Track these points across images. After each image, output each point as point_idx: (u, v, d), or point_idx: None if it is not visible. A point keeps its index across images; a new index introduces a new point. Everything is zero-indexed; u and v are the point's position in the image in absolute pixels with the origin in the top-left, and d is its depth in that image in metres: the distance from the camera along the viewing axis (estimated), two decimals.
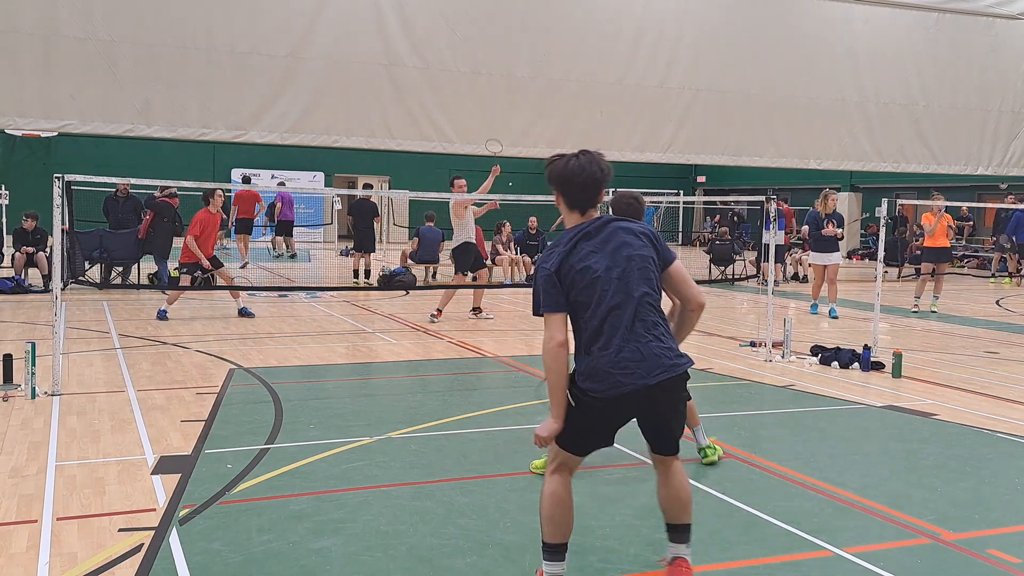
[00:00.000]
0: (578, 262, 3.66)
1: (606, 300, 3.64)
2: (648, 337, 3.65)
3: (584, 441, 3.80)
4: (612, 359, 3.61)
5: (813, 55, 16.17)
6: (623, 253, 3.70)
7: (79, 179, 9.64)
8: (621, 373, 3.60)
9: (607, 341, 3.62)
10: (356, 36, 13.35)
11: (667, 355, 3.67)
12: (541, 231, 19.19)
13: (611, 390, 3.61)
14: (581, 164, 3.72)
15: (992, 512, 5.17)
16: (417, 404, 7.74)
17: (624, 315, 3.64)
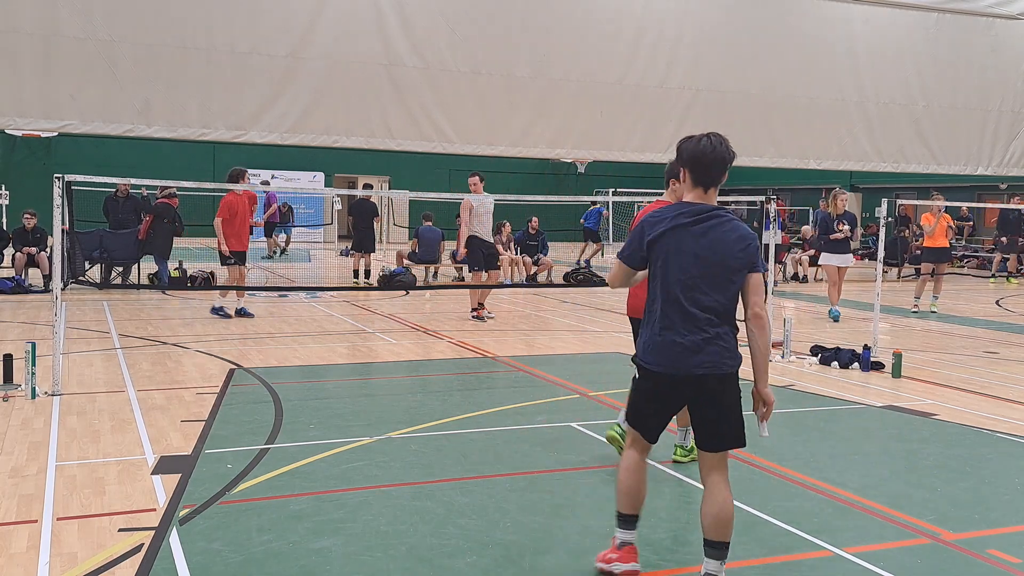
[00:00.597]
0: (673, 240, 3.86)
1: (680, 283, 3.84)
2: (706, 332, 3.82)
3: (640, 414, 4.05)
4: (670, 340, 3.84)
5: (813, 55, 16.17)
6: (716, 248, 3.85)
7: (79, 179, 9.64)
8: (674, 356, 3.84)
9: (670, 322, 3.85)
10: (356, 36, 13.35)
11: (716, 353, 3.83)
12: (541, 231, 19.18)
13: (663, 368, 3.86)
14: (712, 144, 3.90)
15: (992, 512, 5.17)
16: (417, 404, 7.74)
17: (692, 303, 3.83)
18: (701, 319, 3.81)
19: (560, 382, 8.51)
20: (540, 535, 4.63)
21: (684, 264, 3.82)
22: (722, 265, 3.83)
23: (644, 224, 3.93)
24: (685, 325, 3.82)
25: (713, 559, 3.85)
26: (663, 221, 3.88)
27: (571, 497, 5.25)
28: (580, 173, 36.03)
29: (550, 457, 6.03)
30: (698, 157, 3.89)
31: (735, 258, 3.84)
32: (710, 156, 3.87)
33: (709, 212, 3.87)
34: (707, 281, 3.82)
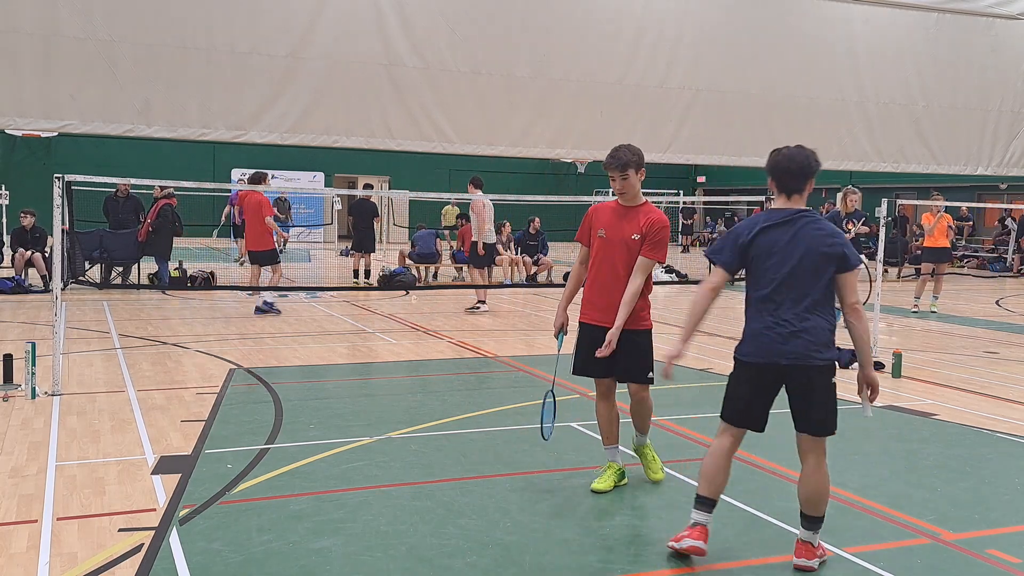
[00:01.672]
0: (765, 240, 4.23)
1: (773, 281, 4.21)
2: (794, 326, 4.16)
3: (734, 404, 4.35)
4: (760, 331, 4.22)
5: (813, 55, 16.16)
6: (804, 246, 4.18)
7: (79, 179, 9.64)
8: (764, 346, 4.20)
9: (762, 317, 4.22)
10: (356, 36, 13.34)
11: (803, 345, 4.15)
12: (542, 231, 19.18)
13: (753, 358, 4.24)
14: (793, 154, 4.30)
15: (992, 512, 5.17)
16: (417, 404, 7.74)
17: (783, 298, 4.19)
18: (790, 313, 4.17)
19: (560, 382, 8.50)
20: (540, 535, 4.63)
21: (776, 262, 4.20)
22: (811, 262, 4.16)
23: (737, 229, 4.35)
24: (776, 319, 4.18)
25: (807, 529, 4.27)
26: (755, 225, 4.28)
27: (571, 497, 5.25)
28: (580, 173, 36.03)
29: (550, 457, 6.03)
30: (779, 167, 4.29)
31: (823, 254, 4.17)
32: (788, 165, 4.27)
33: (795, 214, 4.24)
34: (797, 277, 4.17)
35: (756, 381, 4.27)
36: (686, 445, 6.47)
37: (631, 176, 5.22)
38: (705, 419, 7.23)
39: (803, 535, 4.29)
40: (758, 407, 4.30)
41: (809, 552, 4.24)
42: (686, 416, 7.26)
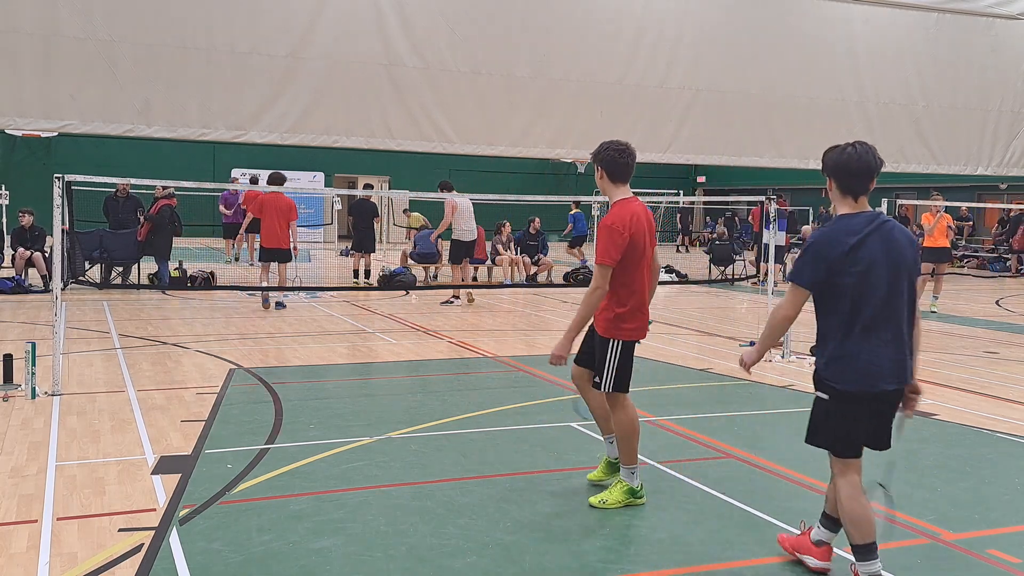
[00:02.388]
0: (861, 255, 3.82)
1: (872, 298, 3.83)
2: (900, 343, 3.88)
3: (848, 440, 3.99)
4: (862, 355, 3.84)
5: (813, 55, 16.17)
6: (895, 253, 3.86)
7: (79, 179, 9.65)
8: (870, 373, 3.85)
9: (863, 338, 3.84)
10: (356, 36, 13.35)
11: (909, 365, 3.93)
12: (542, 231, 19.18)
13: (857, 387, 3.87)
14: (857, 152, 3.92)
15: (992, 512, 5.17)
16: (417, 404, 7.74)
17: (885, 314, 3.85)
18: (900, 329, 3.87)
19: (560, 382, 8.50)
20: (540, 535, 4.63)
21: (875, 279, 3.82)
22: (901, 270, 3.87)
23: (819, 247, 3.89)
24: (879, 336, 3.83)
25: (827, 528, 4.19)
26: (838, 241, 3.84)
27: (571, 497, 5.25)
28: (580, 173, 36.03)
29: (550, 457, 6.03)
30: (843, 166, 3.92)
31: (908, 261, 3.90)
32: (855, 165, 3.90)
33: (877, 219, 3.89)
34: (896, 292, 3.86)
35: (866, 410, 3.93)
36: (686, 445, 6.47)
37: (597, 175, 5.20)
38: (705, 419, 7.24)
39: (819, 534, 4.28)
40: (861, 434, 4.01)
41: None
42: (686, 416, 7.26)
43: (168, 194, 16.13)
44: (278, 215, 13.22)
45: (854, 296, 3.82)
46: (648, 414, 7.11)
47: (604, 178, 5.14)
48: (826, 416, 3.99)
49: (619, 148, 5.10)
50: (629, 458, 5.08)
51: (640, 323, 5.07)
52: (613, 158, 5.08)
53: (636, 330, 5.06)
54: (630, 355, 5.08)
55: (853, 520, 3.92)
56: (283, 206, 13.30)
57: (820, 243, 3.90)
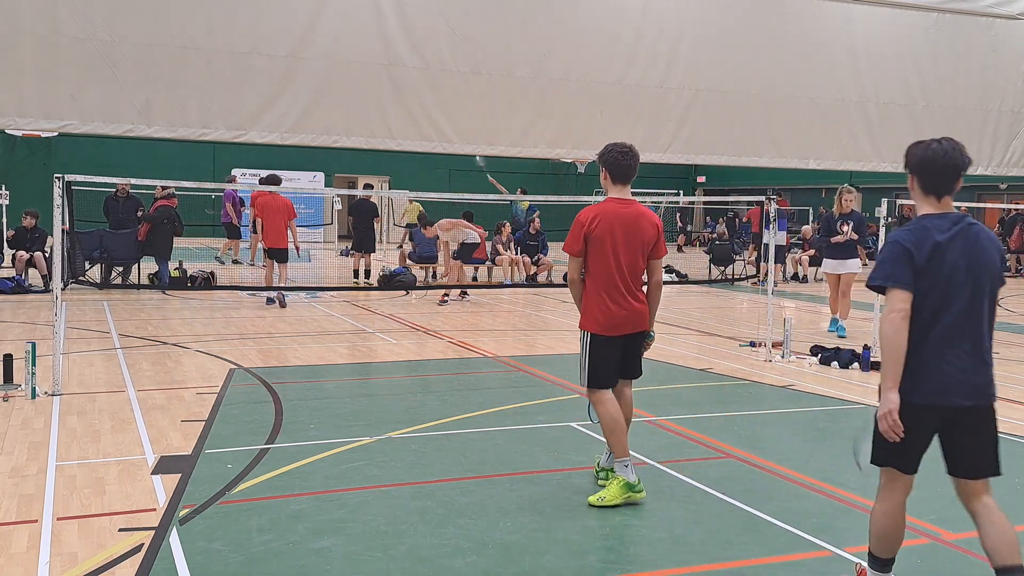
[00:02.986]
0: (949, 254, 3.58)
1: (952, 306, 3.60)
2: (982, 355, 3.67)
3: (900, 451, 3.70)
4: (939, 367, 3.58)
5: (813, 55, 16.16)
6: (981, 258, 3.65)
7: (79, 179, 9.64)
8: (944, 386, 3.59)
9: (944, 348, 3.59)
10: (356, 36, 13.35)
11: (991, 379, 3.71)
12: (542, 231, 19.19)
13: (928, 400, 3.59)
14: (944, 149, 3.68)
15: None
16: (417, 404, 7.74)
17: (969, 323, 3.64)
18: (980, 341, 3.67)
19: (560, 382, 8.51)
20: (540, 535, 4.63)
21: (958, 284, 3.59)
22: (984, 278, 3.66)
23: (905, 244, 3.61)
24: (964, 349, 3.61)
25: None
26: (926, 239, 3.59)
27: (571, 497, 5.25)
28: (580, 173, 36.03)
29: (550, 457, 6.03)
30: (927, 163, 3.70)
31: (994, 268, 3.69)
32: (941, 162, 3.67)
33: (963, 220, 3.65)
34: (980, 299, 3.65)
35: (930, 424, 3.66)
36: (686, 445, 6.46)
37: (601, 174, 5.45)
38: (705, 419, 7.24)
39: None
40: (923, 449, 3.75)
41: None
42: (686, 416, 7.26)
43: (168, 194, 16.12)
44: (276, 215, 13.73)
45: (933, 302, 3.57)
46: (648, 414, 7.11)
47: (606, 178, 5.37)
48: None
49: (622, 150, 5.30)
50: (618, 452, 5.14)
51: (607, 319, 5.19)
52: (616, 159, 5.30)
53: (603, 326, 5.19)
54: (601, 350, 5.19)
55: (884, 536, 3.80)
56: (281, 206, 13.80)
57: (904, 241, 3.62)
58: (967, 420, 3.66)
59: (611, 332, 5.20)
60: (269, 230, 13.79)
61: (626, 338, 5.27)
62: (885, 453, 3.73)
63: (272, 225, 13.76)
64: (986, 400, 3.69)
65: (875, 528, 3.81)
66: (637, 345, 5.35)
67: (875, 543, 3.83)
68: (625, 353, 5.30)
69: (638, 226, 5.25)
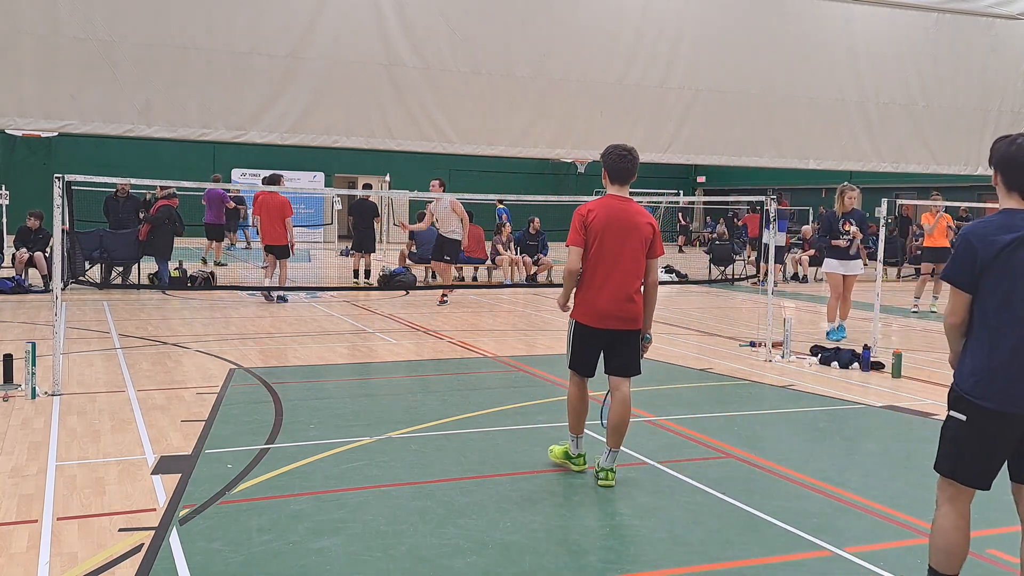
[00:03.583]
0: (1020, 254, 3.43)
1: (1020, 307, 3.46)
2: None
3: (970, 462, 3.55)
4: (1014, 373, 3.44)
5: (813, 55, 16.17)
6: None
7: (79, 179, 9.64)
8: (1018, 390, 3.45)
9: (1015, 352, 3.45)
10: (356, 36, 13.35)
11: None
12: (542, 231, 19.20)
13: (999, 405, 3.46)
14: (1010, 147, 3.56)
15: (992, 512, 5.16)
16: (417, 404, 7.74)
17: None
18: None
19: (560, 382, 8.51)
20: (540, 535, 4.63)
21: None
22: None
23: (973, 240, 3.50)
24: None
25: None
26: (997, 237, 3.44)
27: (571, 497, 5.25)
28: (580, 173, 36.03)
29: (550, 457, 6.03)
30: (1012, 159, 3.53)
31: None
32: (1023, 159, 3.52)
33: None
34: None
35: (999, 431, 3.48)
36: (686, 445, 6.46)
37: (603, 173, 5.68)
38: (705, 419, 7.24)
39: None
40: (998, 462, 3.55)
41: None
42: (686, 416, 7.26)
43: (169, 194, 16.12)
44: (271, 213, 14.17)
45: (1003, 302, 3.44)
46: (648, 414, 7.11)
47: (606, 177, 5.59)
48: (960, 437, 3.54)
49: (621, 152, 5.52)
50: (570, 426, 5.69)
51: (594, 311, 5.46)
52: (615, 161, 5.54)
53: (589, 317, 5.46)
54: (583, 339, 5.50)
55: (948, 549, 3.60)
56: (277, 204, 14.24)
57: (972, 236, 3.50)
58: None
59: (597, 324, 5.43)
60: (265, 228, 14.23)
61: (613, 333, 5.41)
62: (958, 467, 3.57)
63: (267, 223, 14.17)
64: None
65: (942, 542, 3.61)
66: (627, 343, 5.46)
67: (940, 558, 3.63)
68: (612, 349, 5.46)
69: (635, 223, 5.42)
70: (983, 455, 3.52)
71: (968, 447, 3.52)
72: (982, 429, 3.48)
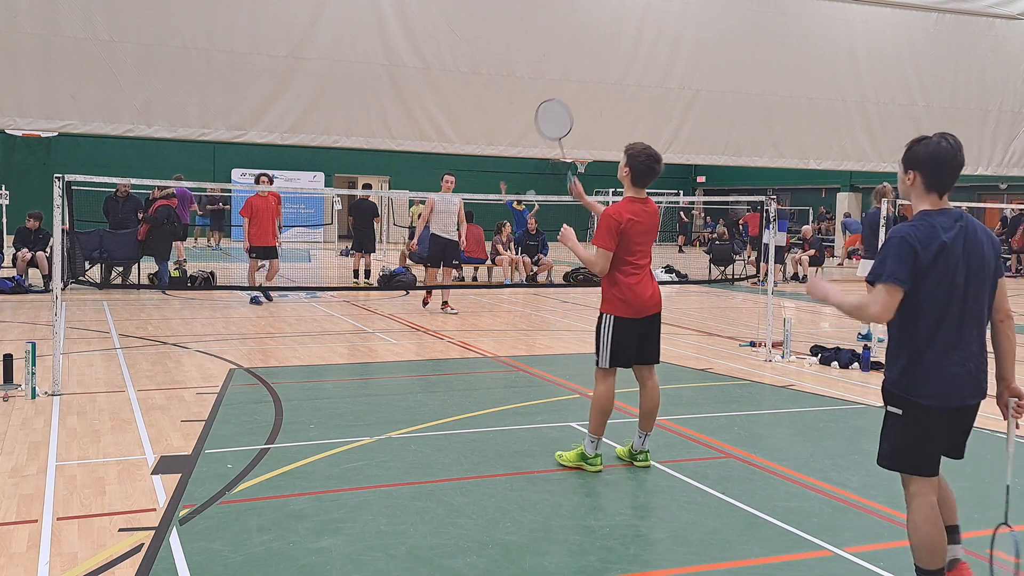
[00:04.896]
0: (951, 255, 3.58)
1: (956, 304, 3.61)
2: (979, 352, 3.69)
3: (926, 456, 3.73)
4: (945, 366, 3.61)
5: (813, 55, 16.17)
6: (978, 253, 3.66)
7: (79, 179, 9.65)
8: (952, 386, 3.63)
9: (947, 347, 3.61)
10: (356, 36, 13.35)
11: (986, 376, 3.74)
12: (542, 231, 19.19)
13: (943, 401, 3.64)
14: (952, 146, 3.67)
15: (992, 512, 5.16)
16: (417, 404, 7.74)
17: (968, 320, 3.64)
18: (975, 343, 3.67)
19: (560, 382, 8.51)
20: (540, 535, 4.63)
21: (961, 281, 3.60)
22: (984, 274, 3.66)
23: (909, 241, 3.58)
24: (963, 347, 3.63)
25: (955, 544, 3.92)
26: (932, 238, 3.57)
27: (571, 497, 5.25)
28: (580, 173, 36.03)
29: (550, 457, 6.03)
30: (937, 158, 3.66)
31: (992, 261, 3.70)
32: (948, 158, 3.66)
33: (962, 217, 3.67)
34: (978, 297, 3.66)
35: (945, 424, 3.71)
36: (686, 445, 6.46)
37: (620, 164, 5.70)
38: (705, 419, 7.23)
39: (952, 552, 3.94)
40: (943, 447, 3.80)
41: None
42: (686, 416, 7.26)
43: (167, 194, 16.12)
44: (266, 215, 14.27)
45: (937, 302, 3.58)
46: None
47: (628, 177, 5.62)
48: (901, 433, 3.71)
49: (655, 157, 5.64)
50: (593, 427, 5.64)
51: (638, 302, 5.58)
52: (647, 164, 5.60)
53: (632, 310, 5.57)
54: (624, 332, 5.57)
55: (929, 545, 3.75)
56: (272, 206, 14.40)
57: (910, 237, 3.59)
58: (967, 415, 3.77)
59: (636, 315, 5.58)
60: (257, 231, 14.15)
61: (645, 320, 5.65)
62: (908, 462, 3.76)
63: (266, 223, 14.21)
64: (981, 398, 3.78)
65: (921, 540, 3.76)
66: (655, 326, 5.73)
67: (924, 555, 3.76)
68: (644, 337, 5.67)
69: (655, 221, 5.73)
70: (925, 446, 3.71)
71: (911, 440, 3.70)
72: (918, 422, 3.66)
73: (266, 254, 14.25)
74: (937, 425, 3.68)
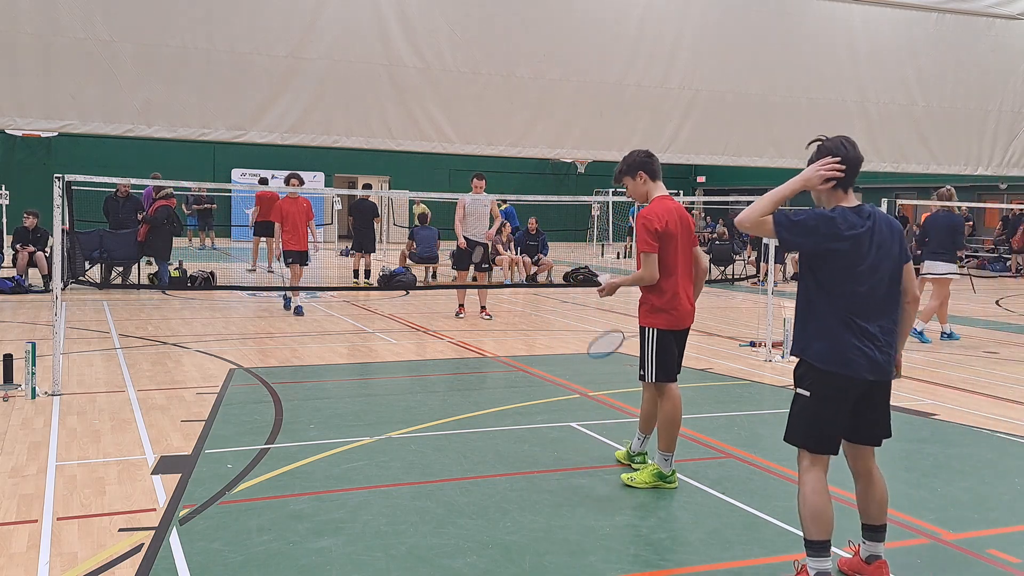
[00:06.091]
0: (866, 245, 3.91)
1: (863, 286, 3.91)
2: (881, 340, 3.98)
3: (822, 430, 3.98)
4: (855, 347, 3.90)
5: (813, 55, 16.17)
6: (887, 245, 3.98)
7: (79, 179, 9.65)
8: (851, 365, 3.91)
9: (856, 330, 3.91)
10: (356, 36, 13.35)
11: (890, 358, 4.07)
12: (542, 231, 19.20)
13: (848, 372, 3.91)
14: (854, 146, 4.10)
15: (992, 512, 5.17)
16: (417, 404, 7.74)
17: (873, 306, 3.94)
18: (884, 322, 3.98)
19: (560, 382, 8.51)
20: (540, 535, 4.63)
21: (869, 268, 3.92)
22: (890, 261, 3.98)
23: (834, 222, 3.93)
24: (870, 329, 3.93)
25: (878, 542, 4.12)
26: (853, 226, 3.92)
27: (571, 497, 5.25)
28: (580, 173, 36.04)
29: (550, 457, 6.03)
30: (856, 162, 4.06)
31: (898, 250, 4.02)
32: (855, 157, 4.07)
33: (874, 211, 4.01)
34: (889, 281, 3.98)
35: (845, 404, 3.97)
36: (686, 445, 6.46)
37: (628, 184, 5.66)
38: (705, 419, 7.23)
39: (873, 549, 4.14)
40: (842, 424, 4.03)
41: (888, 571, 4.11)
42: (686, 416, 7.24)
43: (166, 194, 16.12)
44: (303, 218, 14.06)
45: (846, 287, 3.90)
46: None
47: (646, 181, 5.59)
48: (805, 411, 4.00)
49: (649, 153, 5.72)
50: (667, 445, 5.41)
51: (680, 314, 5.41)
52: (648, 162, 5.63)
53: (674, 321, 5.39)
54: (668, 345, 5.40)
55: (815, 515, 3.94)
56: (303, 209, 14.20)
57: (829, 217, 3.96)
58: (868, 394, 4.01)
59: (678, 326, 5.45)
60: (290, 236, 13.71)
61: (682, 332, 5.52)
62: (808, 438, 3.98)
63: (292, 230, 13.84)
64: (886, 378, 4.07)
65: (808, 510, 3.95)
66: (686, 338, 5.59)
67: (810, 526, 3.96)
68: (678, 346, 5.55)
69: (687, 220, 5.59)
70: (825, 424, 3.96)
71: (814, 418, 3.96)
72: (827, 399, 3.94)
73: (300, 259, 13.75)
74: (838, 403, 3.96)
